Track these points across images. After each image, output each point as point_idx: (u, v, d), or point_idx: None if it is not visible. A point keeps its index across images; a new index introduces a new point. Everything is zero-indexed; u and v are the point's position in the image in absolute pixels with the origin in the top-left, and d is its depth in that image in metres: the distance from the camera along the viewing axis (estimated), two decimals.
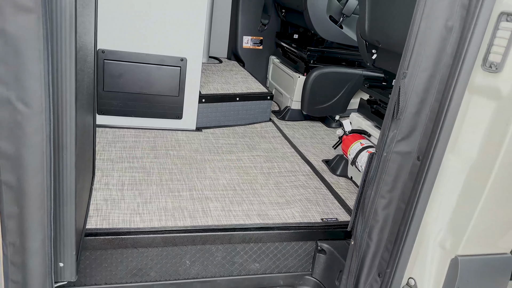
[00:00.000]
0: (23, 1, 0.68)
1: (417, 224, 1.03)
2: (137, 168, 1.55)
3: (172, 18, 1.78)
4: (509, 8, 0.84)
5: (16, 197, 0.79)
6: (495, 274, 1.03)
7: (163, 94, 1.88)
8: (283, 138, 2.05)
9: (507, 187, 0.93)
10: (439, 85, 0.94)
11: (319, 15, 2.25)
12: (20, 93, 0.73)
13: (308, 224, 1.36)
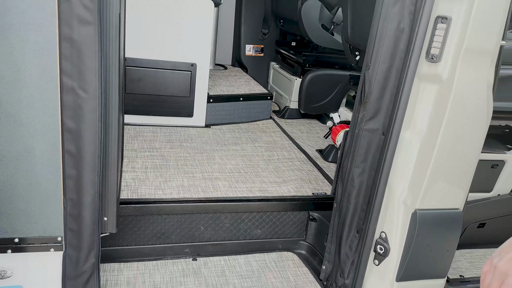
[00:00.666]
0: (85, 16, 0.96)
1: (384, 187, 1.28)
2: (157, 156, 1.83)
3: (183, 29, 2.06)
4: (443, 13, 1.10)
5: (75, 162, 1.06)
6: (448, 226, 1.28)
7: (176, 95, 2.16)
8: (282, 133, 2.32)
9: (451, 152, 1.19)
10: (396, 74, 1.20)
11: (312, 24, 2.53)
12: (81, 83, 1.00)
13: (301, 197, 1.62)
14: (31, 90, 0.97)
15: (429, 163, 1.19)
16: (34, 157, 1.02)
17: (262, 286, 1.42)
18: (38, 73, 0.96)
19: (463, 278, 1.62)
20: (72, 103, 1.01)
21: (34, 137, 1.00)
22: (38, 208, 1.06)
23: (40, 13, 0.92)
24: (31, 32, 0.93)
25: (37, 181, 1.04)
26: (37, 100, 0.98)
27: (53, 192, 1.07)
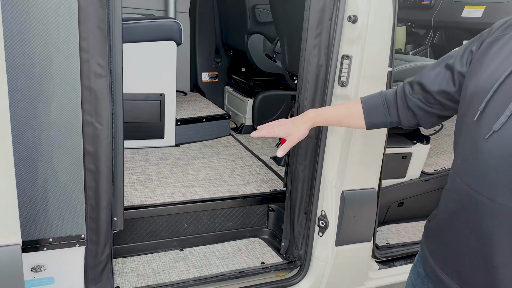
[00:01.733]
0: (100, 72, 1.35)
1: (320, 177, 1.74)
2: (140, 173, 2.20)
3: (153, 66, 2.47)
4: (346, 53, 1.60)
5: (94, 176, 1.44)
6: (367, 200, 1.76)
7: (149, 121, 2.55)
8: (241, 146, 2.76)
9: (363, 148, 1.67)
10: (320, 96, 1.68)
11: (258, 54, 3.02)
12: (97, 118, 1.39)
13: (262, 194, 2.06)
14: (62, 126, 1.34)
15: (348, 156, 1.67)
16: (63, 175, 1.39)
17: (237, 263, 1.84)
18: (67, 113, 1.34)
19: (389, 245, 2.13)
20: (92, 133, 1.39)
21: (64, 160, 1.37)
22: (67, 213, 1.42)
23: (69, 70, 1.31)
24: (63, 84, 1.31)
25: (66, 193, 1.40)
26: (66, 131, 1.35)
27: (78, 200, 1.43)
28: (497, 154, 0.87)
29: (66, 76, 1.30)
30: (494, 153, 0.88)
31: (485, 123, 0.90)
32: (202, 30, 3.44)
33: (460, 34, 2.62)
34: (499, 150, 0.87)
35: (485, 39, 1.00)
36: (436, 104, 1.11)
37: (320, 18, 1.59)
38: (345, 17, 1.55)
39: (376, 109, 1.22)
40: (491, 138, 0.89)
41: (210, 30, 3.47)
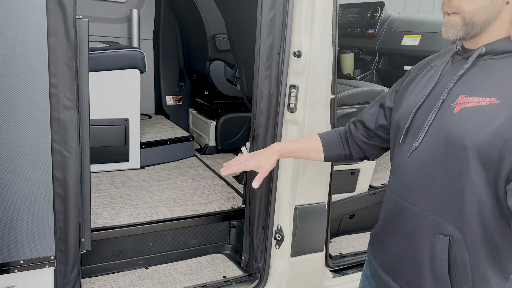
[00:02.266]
0: (68, 104, 1.47)
1: (275, 194, 1.92)
2: (106, 195, 2.30)
3: (118, 92, 2.59)
4: (293, 83, 1.79)
5: (62, 201, 1.54)
6: (318, 214, 1.95)
7: (114, 145, 2.65)
8: (204, 166, 2.90)
9: (311, 167, 1.86)
10: (272, 121, 1.86)
11: (219, 78, 3.20)
12: (65, 147, 1.50)
13: (223, 211, 2.20)
14: (32, 153, 1.45)
15: (299, 175, 1.86)
16: (34, 200, 1.49)
17: (200, 278, 1.96)
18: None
19: (341, 254, 2.31)
20: (60, 161, 1.51)
21: (34, 185, 1.48)
22: (37, 236, 1.51)
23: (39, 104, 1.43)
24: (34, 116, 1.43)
25: (37, 217, 1.50)
26: (36, 160, 1.46)
27: (48, 224, 1.53)
28: (416, 167, 1.09)
29: (37, 109, 1.41)
30: (414, 167, 1.10)
31: (407, 143, 1.13)
32: (166, 56, 3.60)
33: (401, 59, 2.90)
34: (417, 164, 1.09)
35: (405, 79, 1.28)
36: (376, 137, 1.36)
37: (270, 53, 1.78)
38: (290, 52, 1.76)
39: (333, 144, 1.43)
40: (411, 155, 1.10)
41: (173, 55, 3.62)
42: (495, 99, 0.97)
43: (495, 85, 0.99)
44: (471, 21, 1.02)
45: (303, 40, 1.73)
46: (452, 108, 1.04)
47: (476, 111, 0.99)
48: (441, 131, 1.05)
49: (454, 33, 1.04)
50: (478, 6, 1.00)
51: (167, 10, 3.49)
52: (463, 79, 1.06)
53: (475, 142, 0.97)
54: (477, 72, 1.05)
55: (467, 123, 0.99)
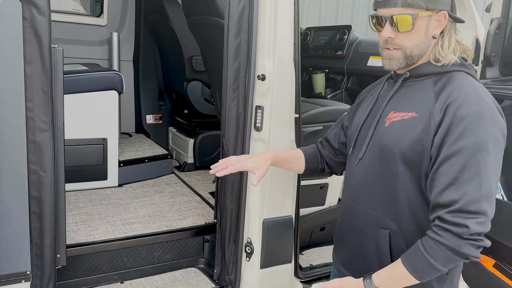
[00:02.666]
0: (43, 127, 1.57)
1: (245, 207, 2.02)
2: (83, 213, 2.37)
3: (96, 113, 2.68)
4: (259, 104, 1.92)
5: (38, 218, 1.62)
6: (285, 227, 2.05)
7: (92, 164, 2.73)
8: (182, 183, 2.99)
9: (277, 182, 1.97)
10: (241, 139, 1.98)
11: (196, 98, 3.32)
12: (41, 167, 1.59)
13: (197, 226, 2.29)
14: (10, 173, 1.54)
15: (266, 189, 1.97)
16: (10, 218, 1.56)
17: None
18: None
19: (312, 266, 2.41)
20: (36, 180, 1.59)
21: (11, 203, 1.56)
22: (14, 253, 1.59)
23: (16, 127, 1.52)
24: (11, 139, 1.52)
25: (13, 234, 1.57)
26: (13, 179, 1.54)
27: (24, 241, 1.60)
28: (361, 174, 1.34)
29: (14, 132, 1.51)
30: (359, 174, 1.34)
31: (355, 154, 1.38)
32: (146, 77, 3.71)
33: (368, 79, 3.07)
34: (362, 171, 1.33)
35: (356, 101, 1.54)
36: (340, 154, 1.57)
37: (236, 76, 1.91)
38: (256, 75, 1.89)
39: (313, 158, 1.61)
40: (358, 164, 1.35)
41: (153, 76, 3.74)
42: (414, 113, 1.22)
43: (416, 102, 1.24)
44: (410, 55, 1.25)
45: (266, 65, 1.87)
46: (385, 123, 1.29)
47: (400, 123, 1.24)
48: (377, 142, 1.29)
49: (397, 65, 1.26)
50: (416, 42, 1.24)
51: (146, 33, 3.62)
52: (393, 98, 1.31)
53: (400, 148, 1.21)
54: (403, 92, 1.30)
55: (394, 134, 1.24)
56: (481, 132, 1.12)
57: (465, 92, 1.17)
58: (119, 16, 3.64)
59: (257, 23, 1.85)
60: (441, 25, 1.25)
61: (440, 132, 1.15)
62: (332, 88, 3.31)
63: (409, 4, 1.20)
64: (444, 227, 1.11)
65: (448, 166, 1.12)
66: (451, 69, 1.25)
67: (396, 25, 1.22)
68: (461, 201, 1.10)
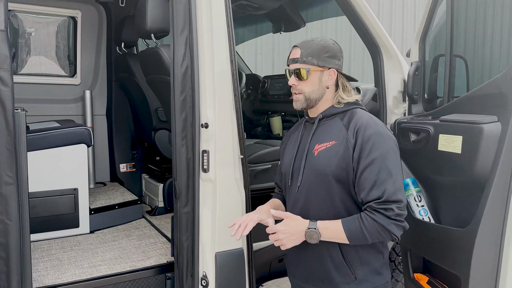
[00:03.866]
0: (8, 181, 1.79)
1: (198, 243, 2.21)
2: (54, 259, 2.54)
3: (67, 166, 2.91)
4: (205, 148, 2.18)
5: (5, 263, 1.80)
6: (236, 259, 2.24)
7: (64, 213, 2.93)
8: (151, 227, 3.18)
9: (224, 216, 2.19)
10: (191, 180, 2.22)
11: (164, 145, 3.57)
12: (7, 216, 1.80)
13: (160, 265, 2.47)
14: None
15: (216, 224, 2.18)
16: None
17: None
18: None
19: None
20: (3, 228, 1.80)
21: None
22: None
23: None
24: None
25: None
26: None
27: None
28: (303, 197, 1.71)
29: None
30: (302, 197, 1.72)
31: (294, 183, 1.76)
32: (118, 128, 3.99)
33: None
34: (303, 195, 1.71)
35: (281, 149, 1.95)
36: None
37: (184, 125, 2.18)
38: (200, 124, 2.16)
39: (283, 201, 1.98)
40: (298, 190, 1.73)
41: (125, 127, 4.02)
42: (334, 141, 1.67)
43: (332, 134, 1.69)
44: (309, 98, 1.73)
45: (209, 114, 2.15)
46: (313, 153, 1.70)
47: (326, 151, 1.67)
48: (311, 169, 1.69)
49: (300, 105, 1.75)
50: (312, 89, 1.72)
51: (117, 89, 3.94)
52: (314, 135, 1.75)
53: (331, 169, 1.63)
54: (321, 129, 1.74)
55: (324, 159, 1.66)
56: (384, 145, 1.58)
57: (365, 119, 1.65)
58: (91, 75, 3.96)
59: (199, 80, 2.15)
60: (332, 78, 1.73)
61: (356, 150, 1.59)
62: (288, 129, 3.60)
63: (305, 61, 1.70)
64: (376, 210, 1.53)
65: (367, 173, 1.56)
66: (350, 108, 1.74)
67: (296, 75, 1.71)
68: (385, 195, 1.53)
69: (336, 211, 1.64)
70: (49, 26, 3.93)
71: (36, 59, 3.86)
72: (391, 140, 1.62)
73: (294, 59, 1.71)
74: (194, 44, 2.11)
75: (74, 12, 3.79)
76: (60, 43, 3.94)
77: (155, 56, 2.59)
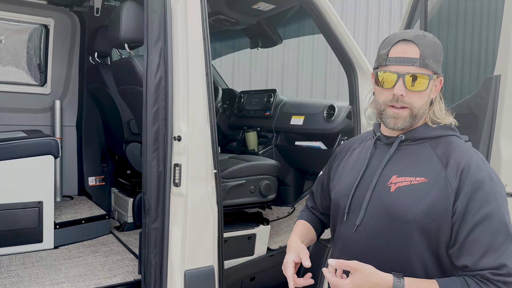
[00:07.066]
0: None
1: (167, 260, 2.14)
2: (13, 275, 2.40)
3: (32, 177, 2.79)
4: (176, 162, 2.12)
5: None
6: (207, 277, 2.17)
7: (27, 227, 2.78)
8: (118, 243, 3.06)
9: (196, 233, 2.13)
10: (162, 194, 2.15)
11: (135, 158, 3.48)
12: None
13: (125, 283, 2.37)
14: None
15: (186, 241, 2.12)
16: None
17: None
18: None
19: None
20: None
21: None
22: None
23: None
24: None
25: None
26: None
27: None
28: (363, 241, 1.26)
29: None
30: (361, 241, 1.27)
31: (350, 220, 1.31)
32: (88, 140, 3.87)
33: (293, 136, 3.38)
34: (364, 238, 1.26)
35: (332, 164, 1.54)
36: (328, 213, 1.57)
37: (156, 138, 2.12)
38: (173, 136, 2.11)
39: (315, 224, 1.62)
40: (357, 230, 1.28)
41: (95, 139, 3.90)
42: (424, 178, 1.21)
43: (420, 166, 1.24)
44: (417, 114, 1.24)
45: (181, 127, 2.10)
46: (388, 187, 1.25)
47: (409, 189, 1.21)
48: (381, 208, 1.24)
49: (403, 124, 1.24)
50: (423, 103, 1.24)
51: (89, 100, 3.83)
52: (391, 161, 1.28)
53: (415, 216, 1.18)
54: (400, 155, 1.28)
55: (405, 200, 1.21)
56: (498, 195, 1.16)
57: (474, 158, 1.20)
58: (62, 85, 3.84)
59: (172, 91, 2.11)
60: (437, 89, 1.29)
61: (462, 199, 1.16)
62: (264, 144, 3.58)
63: (427, 65, 1.20)
64: (493, 282, 1.13)
65: (478, 233, 1.14)
66: (445, 133, 1.28)
67: (411, 83, 1.19)
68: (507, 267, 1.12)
69: (408, 272, 1.20)
70: (20, 34, 3.82)
71: (5, 66, 3.73)
72: (503, 187, 1.20)
73: (411, 60, 1.20)
74: (169, 55, 2.08)
75: (47, 20, 3.70)
76: (31, 51, 3.83)
77: (128, 66, 2.54)
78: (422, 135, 1.28)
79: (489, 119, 1.84)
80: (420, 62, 1.20)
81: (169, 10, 2.08)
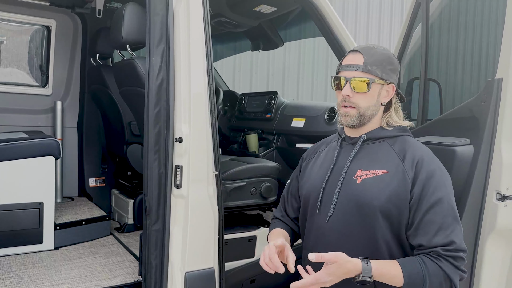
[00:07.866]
0: None
1: (167, 262, 2.13)
2: (14, 276, 2.39)
3: (33, 178, 2.78)
4: (178, 163, 2.12)
5: None
6: (207, 279, 2.17)
7: (27, 228, 2.78)
8: (119, 244, 3.06)
9: (196, 235, 2.13)
10: (163, 196, 2.15)
11: (136, 159, 3.48)
12: None
13: (126, 284, 2.37)
14: None
15: (187, 243, 2.11)
16: None
17: None
18: None
19: None
20: None
21: None
22: None
23: None
24: None
25: None
26: None
27: None
28: (336, 230, 1.45)
29: None
30: (334, 230, 1.45)
31: (322, 212, 1.50)
32: (89, 141, 3.87)
33: (294, 138, 3.37)
34: (336, 227, 1.45)
35: (301, 165, 1.73)
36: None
37: (157, 139, 2.12)
38: (174, 138, 2.11)
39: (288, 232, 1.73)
40: (329, 220, 1.47)
41: (96, 140, 3.90)
42: (385, 171, 1.42)
43: (381, 161, 1.45)
44: (364, 114, 1.48)
45: (183, 128, 2.10)
46: (355, 180, 1.45)
47: (373, 180, 1.42)
48: (350, 198, 1.43)
49: (352, 121, 1.48)
50: (369, 104, 1.47)
51: (90, 101, 3.84)
52: (356, 158, 1.50)
53: (379, 202, 1.38)
54: (363, 153, 1.50)
55: (371, 189, 1.41)
56: (447, 183, 1.40)
57: (424, 151, 1.45)
58: (63, 86, 3.85)
59: (174, 93, 2.11)
60: (389, 95, 1.52)
61: (418, 186, 1.38)
62: (265, 147, 3.58)
63: (369, 71, 1.44)
64: (444, 258, 1.33)
65: (432, 215, 1.35)
66: (400, 134, 1.52)
67: (354, 86, 1.44)
68: (456, 242, 1.33)
69: (376, 252, 1.39)
70: (21, 35, 3.82)
71: (7, 67, 3.73)
72: (450, 178, 1.44)
73: (355, 66, 1.44)
74: (171, 57, 2.08)
75: (49, 22, 3.70)
76: (33, 52, 3.83)
77: (130, 67, 2.54)
78: (381, 135, 1.51)
79: (490, 122, 1.84)
80: (363, 68, 1.43)
81: (171, 12, 2.08)
